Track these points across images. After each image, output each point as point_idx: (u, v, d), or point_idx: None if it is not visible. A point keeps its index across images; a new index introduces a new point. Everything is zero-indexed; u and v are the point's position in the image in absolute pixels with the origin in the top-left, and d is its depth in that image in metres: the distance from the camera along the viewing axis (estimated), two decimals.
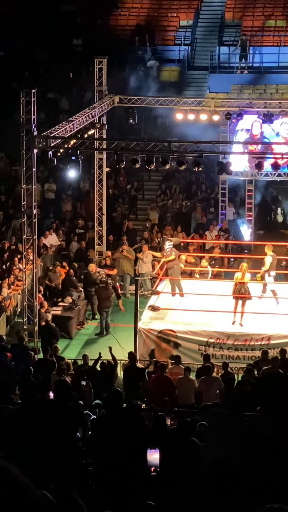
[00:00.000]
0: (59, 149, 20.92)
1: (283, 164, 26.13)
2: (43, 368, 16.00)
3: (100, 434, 8.50)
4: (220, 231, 28.42)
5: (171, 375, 16.29)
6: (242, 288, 20.26)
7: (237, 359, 19.24)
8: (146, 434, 8.43)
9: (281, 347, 18.28)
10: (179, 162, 21.87)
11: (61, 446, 8.57)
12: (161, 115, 33.51)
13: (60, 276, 24.32)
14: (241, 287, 20.26)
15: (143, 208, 31.73)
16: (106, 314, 22.60)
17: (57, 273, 24.33)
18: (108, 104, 26.39)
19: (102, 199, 27.66)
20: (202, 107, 27.15)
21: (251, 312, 20.23)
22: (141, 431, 8.33)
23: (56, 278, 24.23)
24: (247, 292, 20.28)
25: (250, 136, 27.99)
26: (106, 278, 23.16)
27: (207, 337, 19.60)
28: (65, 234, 28.36)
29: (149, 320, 20.37)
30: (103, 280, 23.11)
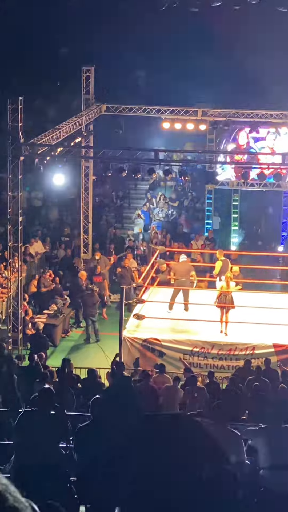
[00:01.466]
0: (46, 157, 20.92)
1: (269, 174, 26.26)
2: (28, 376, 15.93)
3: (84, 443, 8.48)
4: (205, 240, 28.49)
5: (155, 384, 16.27)
6: (226, 297, 20.28)
7: (221, 368, 19.23)
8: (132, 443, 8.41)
9: (265, 357, 18.31)
10: (165, 171, 21.92)
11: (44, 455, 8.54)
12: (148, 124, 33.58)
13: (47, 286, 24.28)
14: (225, 296, 20.28)
15: (129, 217, 31.79)
16: (92, 321, 22.62)
17: (47, 279, 24.32)
18: (95, 112, 26.43)
19: (88, 207, 27.67)
20: (189, 116, 27.24)
21: (235, 322, 20.24)
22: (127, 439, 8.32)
23: (48, 284, 24.21)
24: (231, 302, 20.30)
25: (236, 146, 28.12)
26: (92, 285, 23.20)
27: (191, 346, 19.60)
28: (51, 242, 28.33)
29: (134, 328, 20.35)
30: (89, 287, 23.16)
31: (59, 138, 22.32)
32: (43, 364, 17.34)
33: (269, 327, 19.97)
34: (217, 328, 20.23)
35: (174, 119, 27.44)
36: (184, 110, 27.49)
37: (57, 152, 21.67)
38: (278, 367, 18.17)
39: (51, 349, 21.70)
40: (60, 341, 22.66)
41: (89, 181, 27.67)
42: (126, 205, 32.53)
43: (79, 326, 24.00)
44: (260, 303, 21.04)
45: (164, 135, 31.88)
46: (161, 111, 27.91)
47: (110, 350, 20.52)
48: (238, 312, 20.58)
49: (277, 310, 20.83)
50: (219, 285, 21.19)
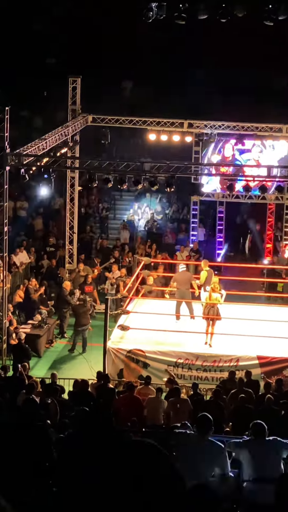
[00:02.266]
0: (32, 167, 20.92)
1: (254, 187, 26.36)
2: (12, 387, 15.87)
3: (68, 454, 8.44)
4: (191, 252, 28.53)
5: (140, 396, 16.25)
6: (211, 309, 20.31)
7: (205, 380, 19.24)
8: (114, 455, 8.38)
9: (249, 368, 18.33)
10: (151, 182, 21.95)
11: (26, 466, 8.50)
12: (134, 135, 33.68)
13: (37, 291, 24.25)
14: (211, 308, 20.31)
15: (114, 227, 31.81)
16: (82, 331, 22.58)
17: (33, 288, 24.27)
18: (81, 123, 26.47)
19: (73, 218, 27.67)
20: (175, 128, 27.32)
21: (220, 333, 20.26)
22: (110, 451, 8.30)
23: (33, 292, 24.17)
24: (217, 313, 20.32)
25: (222, 158, 28.22)
26: (84, 296, 23.20)
27: (176, 357, 19.59)
28: (36, 252, 28.28)
29: (118, 339, 20.33)
30: (81, 298, 23.16)
31: (45, 148, 22.32)
32: (27, 374, 17.30)
33: (253, 339, 20.00)
34: (202, 339, 20.23)
35: (160, 130, 27.50)
36: (170, 122, 27.56)
37: (43, 162, 21.68)
38: (262, 379, 18.21)
39: (35, 360, 21.65)
40: (44, 351, 22.60)
41: (74, 191, 27.68)
42: (112, 215, 32.54)
43: (64, 336, 23.97)
44: (245, 315, 21.08)
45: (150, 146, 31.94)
46: (147, 122, 27.98)
47: (95, 361, 20.50)
48: (222, 323, 20.61)
49: (262, 322, 20.88)
50: (204, 296, 21.24)
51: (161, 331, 20.80)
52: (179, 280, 22.04)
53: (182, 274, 22.28)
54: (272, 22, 19.20)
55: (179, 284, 21.93)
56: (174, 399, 15.58)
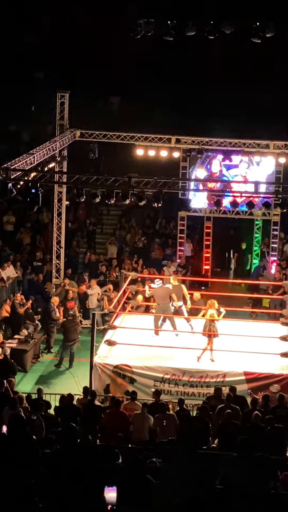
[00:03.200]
0: (19, 181, 20.89)
1: (241, 202, 26.44)
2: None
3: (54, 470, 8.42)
4: (178, 267, 28.55)
5: (126, 411, 16.20)
6: (211, 325, 20.33)
7: (192, 395, 19.20)
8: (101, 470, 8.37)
9: (236, 384, 18.31)
10: (138, 197, 21.98)
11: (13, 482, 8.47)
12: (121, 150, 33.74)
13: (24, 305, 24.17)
14: (210, 324, 20.34)
15: (101, 242, 31.81)
16: (70, 346, 22.52)
17: (19, 303, 24.19)
18: (69, 138, 26.50)
19: (60, 232, 27.66)
20: (163, 143, 27.39)
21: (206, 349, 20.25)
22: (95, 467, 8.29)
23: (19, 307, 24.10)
24: (215, 329, 20.33)
25: (209, 174, 28.31)
26: (74, 311, 23.17)
27: (162, 373, 19.56)
28: (23, 266, 28.21)
29: (105, 354, 20.29)
30: (70, 313, 23.13)
31: (33, 163, 22.32)
32: (12, 390, 17.21)
33: (240, 354, 20.00)
34: (188, 355, 20.21)
35: (147, 146, 27.56)
36: (158, 138, 27.63)
37: (31, 177, 21.67)
38: (248, 395, 18.20)
39: (21, 375, 21.56)
40: (30, 366, 22.52)
41: (62, 206, 27.68)
42: (99, 230, 32.55)
43: (50, 351, 23.90)
44: (232, 331, 21.07)
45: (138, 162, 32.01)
46: (135, 138, 28.04)
47: (81, 376, 20.45)
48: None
49: (248, 338, 20.88)
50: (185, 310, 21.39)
51: (148, 346, 20.77)
52: (157, 295, 22.13)
53: (159, 290, 22.35)
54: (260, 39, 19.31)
55: (158, 299, 22.02)
56: (160, 415, 15.56)
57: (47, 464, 8.68)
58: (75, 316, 23.11)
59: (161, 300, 21.96)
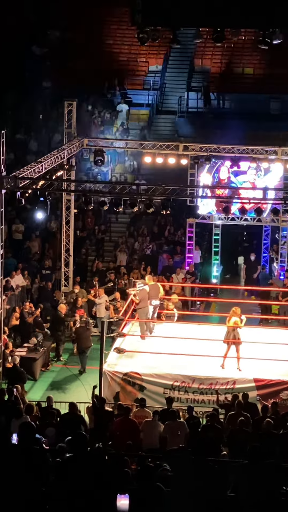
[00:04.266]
0: (28, 190, 20.93)
1: (250, 209, 26.39)
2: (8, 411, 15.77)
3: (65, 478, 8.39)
4: (186, 274, 28.51)
5: (136, 419, 16.16)
6: (232, 333, 20.23)
7: (202, 403, 19.15)
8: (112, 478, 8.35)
9: (246, 391, 18.25)
10: (147, 205, 21.99)
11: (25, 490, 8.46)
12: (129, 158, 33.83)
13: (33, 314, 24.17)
14: (234, 332, 20.23)
15: (110, 250, 31.80)
16: (85, 353, 22.48)
17: (28, 311, 24.19)
18: (76, 146, 26.54)
19: (69, 240, 27.67)
20: (170, 151, 27.39)
21: (216, 356, 20.21)
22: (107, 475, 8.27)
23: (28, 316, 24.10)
24: (239, 337, 20.27)
25: (217, 181, 28.29)
26: (86, 318, 23.13)
27: (172, 380, 19.52)
28: (32, 274, 28.22)
29: (115, 362, 20.27)
30: (83, 320, 23.12)
31: (41, 171, 22.35)
32: (22, 398, 17.19)
33: (249, 361, 19.96)
34: (198, 362, 20.16)
35: (155, 153, 27.57)
36: (165, 145, 27.63)
37: (39, 185, 21.70)
38: (258, 401, 18.14)
39: (31, 383, 21.55)
40: (40, 374, 22.51)
41: (70, 214, 27.69)
42: (107, 238, 32.56)
43: (60, 359, 23.89)
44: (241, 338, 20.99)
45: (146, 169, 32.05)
46: (142, 145, 28.07)
47: (91, 384, 20.39)
48: (218, 346, 20.57)
49: (258, 345, 20.82)
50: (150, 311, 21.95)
51: (157, 353, 20.74)
52: (141, 298, 22.11)
53: (142, 292, 22.28)
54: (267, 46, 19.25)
55: (142, 302, 22.01)
56: (170, 422, 15.50)
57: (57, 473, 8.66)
58: (88, 323, 23.11)
59: (143, 303, 22.05)
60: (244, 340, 20.55)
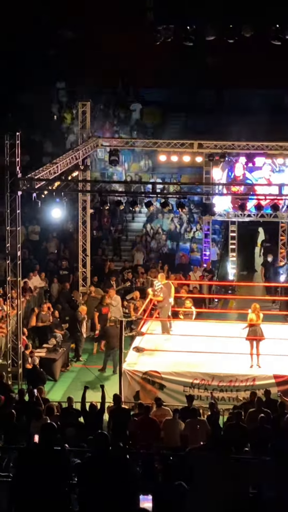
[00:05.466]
0: (43, 191, 20.99)
1: (266, 205, 26.32)
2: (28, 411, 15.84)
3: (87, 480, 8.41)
4: (204, 272, 28.49)
5: (156, 418, 16.16)
6: (258, 330, 20.21)
7: (222, 400, 19.12)
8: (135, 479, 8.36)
9: (266, 388, 18.23)
10: (163, 203, 22.01)
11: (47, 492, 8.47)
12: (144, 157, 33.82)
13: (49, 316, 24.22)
14: (256, 329, 20.21)
15: (127, 249, 31.83)
16: (113, 353, 22.40)
17: (46, 314, 24.24)
18: (91, 146, 26.57)
19: (86, 241, 27.71)
20: (185, 149, 27.37)
21: (236, 353, 20.19)
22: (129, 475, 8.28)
23: (47, 318, 24.14)
24: (262, 333, 20.25)
25: (233, 177, 28.26)
26: (115, 318, 23.08)
27: (191, 378, 19.52)
28: (49, 275, 28.29)
29: (134, 361, 20.29)
30: (112, 319, 23.11)
31: (56, 172, 22.40)
32: (43, 398, 17.25)
33: (269, 357, 19.92)
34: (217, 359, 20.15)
35: (170, 151, 27.57)
36: (180, 143, 27.62)
37: (55, 186, 21.75)
38: (279, 397, 18.10)
39: (51, 383, 21.61)
40: (60, 375, 22.56)
41: (86, 214, 27.73)
42: (124, 238, 32.59)
43: (79, 359, 23.93)
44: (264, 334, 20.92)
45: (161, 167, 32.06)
46: (157, 144, 28.06)
47: (111, 383, 20.45)
48: (238, 343, 20.56)
49: (277, 341, 20.78)
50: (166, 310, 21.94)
51: (176, 352, 20.75)
52: (166, 292, 22.10)
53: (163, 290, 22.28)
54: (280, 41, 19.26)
55: (165, 300, 22.04)
56: (191, 420, 15.51)
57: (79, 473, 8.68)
58: (117, 322, 23.01)
59: (165, 302, 22.05)
60: (264, 337, 20.51)
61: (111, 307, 24.60)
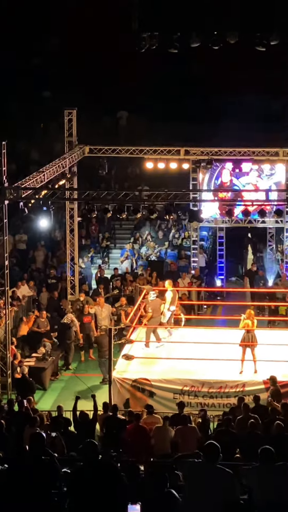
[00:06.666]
0: (30, 200, 20.95)
1: (253, 211, 26.39)
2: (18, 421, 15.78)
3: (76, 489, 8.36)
4: (192, 278, 28.49)
5: (146, 425, 16.13)
6: (251, 336, 20.19)
7: (212, 406, 19.11)
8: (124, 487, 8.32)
9: (256, 393, 18.20)
10: (150, 210, 22.01)
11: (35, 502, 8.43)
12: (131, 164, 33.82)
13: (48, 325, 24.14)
14: (251, 335, 20.18)
15: (115, 257, 31.80)
16: (104, 361, 22.25)
17: (44, 321, 24.16)
18: (78, 154, 26.56)
19: (74, 249, 27.67)
20: (172, 156, 27.40)
21: (225, 359, 20.18)
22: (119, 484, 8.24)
23: (43, 325, 24.05)
24: (256, 340, 20.24)
25: (220, 184, 28.30)
26: (106, 326, 22.97)
27: (181, 385, 19.50)
28: (37, 284, 28.22)
29: (123, 369, 20.25)
30: (103, 328, 23.04)
31: (43, 181, 22.37)
32: (32, 408, 17.19)
33: (258, 363, 19.92)
34: (206, 366, 20.13)
35: (157, 158, 27.59)
36: (167, 150, 27.64)
37: (42, 195, 21.72)
38: (269, 403, 18.07)
39: (40, 393, 21.54)
40: (49, 384, 22.49)
41: (74, 222, 27.69)
42: (112, 245, 32.57)
43: (69, 368, 23.87)
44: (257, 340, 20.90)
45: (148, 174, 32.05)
46: (144, 151, 28.06)
47: (101, 391, 20.39)
48: (227, 349, 20.55)
49: (266, 346, 20.78)
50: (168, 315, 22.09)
51: (166, 359, 20.73)
52: (154, 308, 22.04)
53: (155, 302, 22.21)
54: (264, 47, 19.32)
55: (154, 312, 21.97)
56: (181, 427, 15.47)
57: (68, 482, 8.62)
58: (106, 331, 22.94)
59: (156, 312, 21.98)
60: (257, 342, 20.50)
61: (100, 316, 24.52)
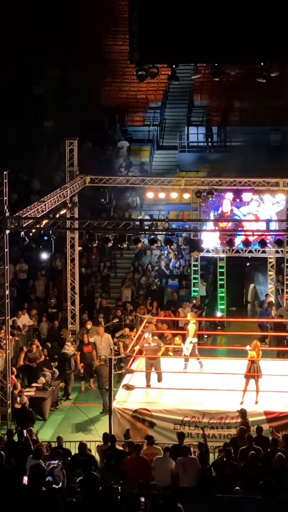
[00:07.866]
0: (31, 229, 21.00)
1: (254, 241, 26.42)
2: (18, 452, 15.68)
3: None
4: (193, 308, 28.44)
5: (146, 456, 16.02)
6: (256, 367, 20.09)
7: (213, 437, 19.00)
8: None
9: (257, 424, 18.08)
10: (151, 240, 22.03)
11: None
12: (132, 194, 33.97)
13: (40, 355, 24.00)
14: (256, 366, 20.09)
15: (116, 286, 31.79)
16: (104, 391, 22.14)
17: (35, 352, 24.02)
18: (79, 184, 26.66)
19: (74, 278, 27.67)
20: (173, 186, 27.50)
21: (225, 390, 20.11)
22: None
23: (36, 357, 23.92)
24: (260, 371, 20.15)
25: (220, 213, 28.37)
26: (106, 356, 22.86)
27: (182, 415, 19.40)
28: (38, 313, 28.16)
29: (124, 399, 20.17)
30: (102, 358, 22.94)
31: (44, 210, 22.44)
32: (33, 439, 17.08)
33: (260, 394, 19.83)
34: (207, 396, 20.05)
35: (157, 188, 27.69)
36: (167, 180, 27.74)
37: (43, 224, 21.77)
38: (270, 433, 17.97)
39: (40, 423, 21.42)
40: (49, 414, 22.38)
41: (74, 252, 27.72)
42: (113, 275, 32.57)
43: (68, 398, 23.77)
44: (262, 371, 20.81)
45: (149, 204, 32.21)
46: (144, 181, 28.17)
47: (101, 422, 20.31)
48: (228, 379, 20.48)
49: (267, 377, 20.69)
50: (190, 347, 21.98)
51: (166, 389, 20.65)
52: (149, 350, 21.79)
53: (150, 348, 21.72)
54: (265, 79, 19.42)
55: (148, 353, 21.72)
56: (182, 458, 15.36)
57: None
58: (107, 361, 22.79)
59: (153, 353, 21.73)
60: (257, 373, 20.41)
61: (100, 345, 24.41)
